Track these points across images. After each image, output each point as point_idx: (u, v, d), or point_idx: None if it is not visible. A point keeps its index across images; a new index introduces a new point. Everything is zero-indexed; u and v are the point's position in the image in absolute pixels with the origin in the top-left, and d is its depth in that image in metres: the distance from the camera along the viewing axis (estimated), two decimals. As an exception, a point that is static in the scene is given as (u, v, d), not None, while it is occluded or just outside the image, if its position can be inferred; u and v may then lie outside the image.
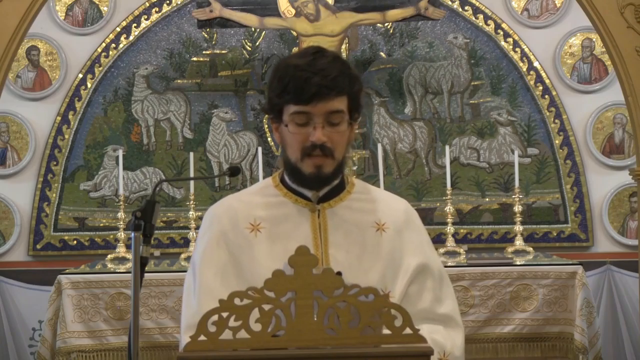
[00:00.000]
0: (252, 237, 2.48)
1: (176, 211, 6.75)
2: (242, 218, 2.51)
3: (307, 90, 2.36)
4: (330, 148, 2.40)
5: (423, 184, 6.76)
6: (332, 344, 2.03)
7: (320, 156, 2.40)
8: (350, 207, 2.53)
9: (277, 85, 2.42)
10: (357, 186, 2.59)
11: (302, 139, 2.40)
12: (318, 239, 2.48)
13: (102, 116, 6.80)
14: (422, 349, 2.04)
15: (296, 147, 2.42)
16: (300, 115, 2.40)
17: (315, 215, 2.50)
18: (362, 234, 2.50)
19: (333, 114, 2.40)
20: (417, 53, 6.83)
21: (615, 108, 6.75)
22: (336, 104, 2.39)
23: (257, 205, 2.53)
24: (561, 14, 6.83)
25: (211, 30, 6.77)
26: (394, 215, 2.56)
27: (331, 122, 2.40)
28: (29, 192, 6.75)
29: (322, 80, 2.36)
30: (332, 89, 2.37)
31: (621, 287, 6.46)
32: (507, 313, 5.43)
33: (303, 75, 2.37)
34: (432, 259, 2.56)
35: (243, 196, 2.62)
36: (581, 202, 6.72)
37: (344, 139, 2.45)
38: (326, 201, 2.52)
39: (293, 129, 2.41)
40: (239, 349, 2.04)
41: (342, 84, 2.40)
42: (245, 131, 6.81)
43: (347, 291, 2.05)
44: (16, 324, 6.50)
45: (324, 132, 2.39)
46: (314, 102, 2.37)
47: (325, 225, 2.49)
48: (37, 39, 6.78)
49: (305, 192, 2.51)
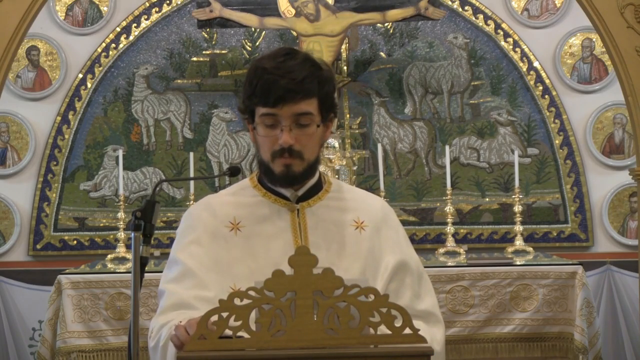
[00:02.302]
0: (232, 235, 2.49)
1: (176, 211, 6.75)
2: (221, 217, 2.52)
3: (273, 93, 2.38)
4: (299, 150, 2.42)
5: (423, 184, 6.76)
6: (332, 344, 2.03)
7: (289, 157, 2.42)
8: (328, 206, 2.55)
9: (248, 87, 2.45)
10: (334, 185, 2.61)
11: (271, 141, 2.43)
12: (298, 238, 2.49)
13: (102, 116, 6.80)
14: (422, 349, 2.04)
15: (266, 149, 2.45)
16: (268, 118, 2.41)
17: (294, 214, 2.52)
18: (341, 233, 2.52)
19: (301, 116, 2.41)
20: (417, 53, 6.83)
21: (615, 108, 6.75)
22: (303, 106, 2.40)
23: (237, 205, 2.54)
24: (561, 14, 6.83)
25: (211, 30, 6.77)
26: (371, 213, 2.58)
27: (299, 124, 2.41)
28: (29, 192, 6.75)
29: (289, 84, 2.37)
30: (298, 92, 2.38)
31: (621, 287, 6.46)
32: (507, 313, 5.43)
33: (270, 79, 2.38)
34: (410, 256, 2.58)
35: (222, 196, 2.63)
36: (581, 202, 6.72)
37: (314, 141, 2.46)
38: (305, 200, 2.53)
39: (262, 131, 2.44)
40: (238, 349, 2.04)
41: (310, 86, 2.40)
42: (245, 131, 6.81)
43: (347, 291, 2.05)
44: (16, 324, 6.49)
45: (291, 135, 2.40)
46: (280, 105, 2.38)
47: (305, 225, 2.51)
48: (37, 39, 6.78)
49: (284, 192, 2.52)
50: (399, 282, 2.51)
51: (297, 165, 2.44)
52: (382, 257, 2.52)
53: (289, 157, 2.42)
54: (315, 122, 2.44)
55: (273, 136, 2.42)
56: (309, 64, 2.44)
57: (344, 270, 2.41)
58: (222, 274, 2.45)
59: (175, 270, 2.51)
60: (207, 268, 2.46)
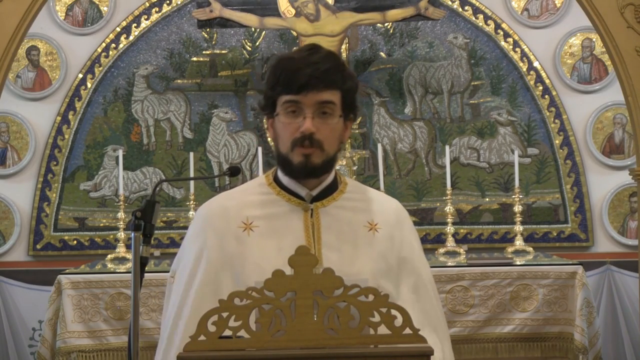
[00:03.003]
0: (245, 235, 2.48)
1: (176, 211, 6.75)
2: (234, 217, 2.50)
3: (297, 80, 2.38)
4: (319, 140, 2.40)
5: (423, 184, 6.76)
6: (332, 344, 2.03)
7: (309, 146, 2.41)
8: (343, 207, 2.53)
9: (271, 78, 2.46)
10: (350, 186, 2.59)
11: (292, 129, 2.41)
12: (311, 238, 2.47)
13: (102, 116, 6.80)
14: (422, 349, 2.04)
15: (286, 138, 2.43)
16: (291, 105, 2.41)
17: (308, 214, 2.50)
18: (354, 234, 2.50)
19: (324, 104, 2.41)
20: (417, 53, 6.83)
21: (615, 108, 6.75)
22: (327, 95, 2.41)
23: (250, 204, 2.52)
24: (561, 14, 6.83)
25: (211, 30, 6.77)
26: (386, 215, 2.56)
27: (322, 113, 2.41)
28: (29, 192, 6.75)
29: (314, 72, 2.38)
30: (322, 80, 2.39)
31: (621, 287, 6.46)
32: (507, 313, 5.43)
33: (295, 67, 2.40)
34: (420, 263, 2.58)
35: (235, 194, 2.61)
36: (581, 202, 6.72)
37: (335, 133, 2.45)
38: (319, 200, 2.52)
39: (284, 118, 2.43)
40: (238, 349, 2.04)
41: (334, 77, 2.41)
42: (245, 131, 6.81)
43: (347, 291, 2.05)
44: (16, 324, 6.49)
45: (313, 122, 2.40)
46: (304, 92, 2.39)
47: (319, 225, 2.49)
48: (37, 39, 6.78)
49: (299, 191, 2.51)
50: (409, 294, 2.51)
51: (317, 156, 2.42)
52: (394, 261, 2.51)
53: (309, 145, 2.40)
54: (338, 115, 2.44)
55: (295, 124, 2.41)
56: (334, 58, 2.46)
57: (356, 271, 2.41)
58: (233, 278, 2.44)
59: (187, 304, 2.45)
60: (219, 286, 2.42)
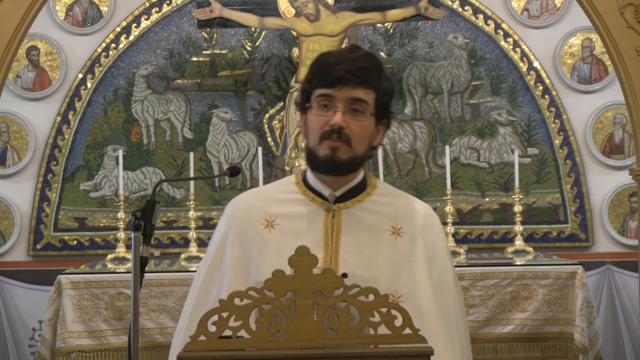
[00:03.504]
0: (266, 233, 2.47)
1: (176, 211, 6.75)
2: (257, 214, 2.50)
3: (332, 74, 2.39)
4: (348, 135, 2.39)
5: (423, 184, 6.76)
6: (332, 344, 2.03)
7: (337, 140, 2.40)
8: (367, 209, 2.50)
9: (309, 73, 2.47)
10: (378, 188, 2.56)
11: (323, 122, 2.41)
12: (329, 239, 2.46)
13: (102, 116, 6.80)
14: (422, 349, 2.04)
15: (316, 131, 2.42)
16: (324, 98, 2.41)
17: (329, 215, 2.48)
18: (375, 237, 2.48)
19: (356, 102, 2.40)
20: (417, 53, 6.83)
21: (615, 108, 6.75)
22: (360, 92, 2.40)
23: (275, 201, 2.53)
24: (561, 14, 6.83)
25: (211, 30, 6.77)
26: (412, 220, 2.52)
27: (353, 110, 2.40)
28: (29, 192, 6.75)
29: (349, 67, 2.38)
30: (357, 77, 2.39)
31: (621, 287, 6.47)
32: (507, 313, 5.43)
33: (331, 61, 2.41)
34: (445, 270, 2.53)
35: (263, 191, 2.66)
36: (581, 202, 6.72)
37: (364, 133, 2.43)
38: (343, 202, 2.50)
39: (316, 111, 2.42)
40: (238, 349, 2.04)
41: (370, 76, 2.41)
42: (245, 131, 6.81)
43: (347, 291, 2.05)
44: (16, 324, 6.49)
45: (344, 118, 2.39)
46: (337, 86, 2.38)
47: (339, 226, 2.47)
48: (37, 39, 6.78)
49: (323, 191, 2.50)
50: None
51: (343, 151, 2.41)
52: (416, 267, 2.47)
53: (337, 139, 2.39)
54: (370, 115, 2.42)
55: (325, 117, 2.40)
56: (372, 58, 2.46)
57: (372, 275, 2.40)
58: (250, 274, 2.44)
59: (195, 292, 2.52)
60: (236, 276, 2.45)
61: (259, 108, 6.80)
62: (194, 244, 6.10)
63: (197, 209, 6.22)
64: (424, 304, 2.42)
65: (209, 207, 6.74)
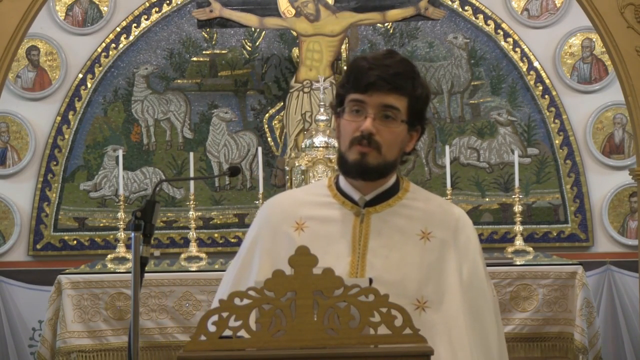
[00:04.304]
0: (296, 235, 2.47)
1: (176, 211, 6.75)
2: (289, 216, 2.51)
3: (365, 79, 2.38)
4: (378, 141, 2.38)
5: (423, 184, 6.75)
6: (332, 344, 2.03)
7: (367, 146, 2.39)
8: (397, 213, 2.49)
9: (344, 77, 2.47)
10: (410, 192, 2.55)
11: (353, 128, 2.40)
12: (357, 243, 2.44)
13: (102, 116, 6.80)
14: (422, 349, 2.04)
15: (347, 136, 2.42)
16: (356, 104, 2.40)
17: (358, 219, 2.47)
18: (404, 242, 2.46)
19: (387, 108, 2.39)
20: (417, 53, 6.83)
21: (615, 108, 6.75)
22: (392, 99, 2.39)
23: (306, 204, 2.53)
24: (561, 14, 6.83)
25: (211, 30, 6.77)
26: (442, 224, 2.50)
27: (385, 116, 2.39)
28: (29, 192, 6.75)
29: (382, 73, 2.37)
30: (389, 83, 2.37)
31: (621, 287, 6.47)
32: (507, 313, 5.43)
33: (365, 67, 2.39)
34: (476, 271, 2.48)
35: (297, 193, 2.68)
36: (581, 202, 6.72)
37: (396, 139, 2.42)
38: (373, 206, 2.49)
39: (347, 116, 2.42)
40: (238, 349, 2.04)
41: (403, 82, 2.39)
42: (245, 131, 6.81)
43: (347, 291, 2.05)
44: (16, 324, 6.50)
45: (374, 124, 2.38)
46: (370, 92, 2.38)
47: (368, 230, 2.46)
48: (37, 39, 6.78)
49: (353, 195, 2.49)
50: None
51: (373, 157, 2.40)
52: (445, 273, 2.44)
53: (367, 145, 2.38)
54: (401, 121, 2.41)
55: (356, 122, 2.39)
56: (407, 64, 2.44)
57: (400, 280, 2.39)
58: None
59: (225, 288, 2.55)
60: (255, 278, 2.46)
61: (259, 108, 6.80)
62: (194, 244, 6.10)
63: (197, 209, 6.22)
64: (452, 310, 2.40)
65: (209, 207, 6.74)
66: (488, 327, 2.47)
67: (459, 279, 2.44)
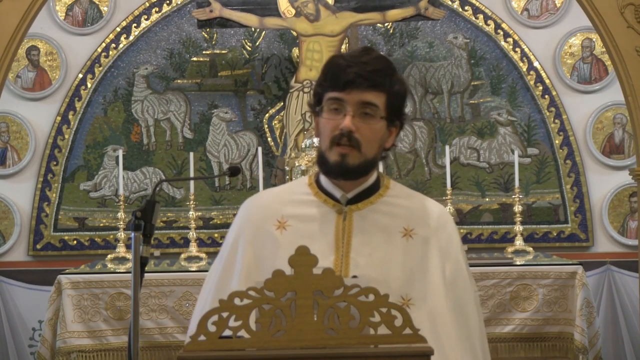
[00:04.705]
0: (278, 234, 2.48)
1: (176, 211, 6.75)
2: (270, 215, 2.51)
3: (343, 77, 2.38)
4: (358, 139, 2.39)
5: (423, 184, 6.75)
6: (332, 344, 2.03)
7: (347, 145, 2.39)
8: (379, 211, 2.49)
9: (321, 76, 2.47)
10: (392, 190, 2.55)
11: (333, 126, 2.40)
12: (340, 241, 2.45)
13: (102, 116, 6.80)
14: (422, 349, 2.04)
15: (326, 135, 2.42)
16: (334, 102, 2.40)
17: (340, 217, 2.47)
18: (387, 239, 2.46)
19: (366, 105, 2.39)
20: (417, 53, 6.83)
21: (615, 108, 6.75)
22: (370, 96, 2.39)
23: (287, 202, 2.53)
24: (561, 14, 6.83)
25: (211, 30, 6.77)
26: (424, 221, 2.50)
27: (364, 113, 2.39)
28: (29, 192, 6.75)
29: (359, 70, 2.37)
30: (367, 80, 2.38)
31: (621, 287, 6.47)
32: (507, 313, 5.43)
33: (342, 65, 2.40)
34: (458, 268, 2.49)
35: (277, 192, 2.65)
36: (581, 202, 6.72)
37: (375, 136, 2.42)
38: (355, 203, 2.49)
39: (326, 115, 2.42)
40: (238, 349, 2.04)
41: (380, 79, 2.40)
42: (245, 131, 6.81)
43: (347, 291, 2.05)
44: (16, 324, 6.50)
45: (353, 121, 2.38)
46: (348, 90, 2.38)
47: (350, 228, 2.46)
48: (37, 39, 6.78)
49: (335, 193, 2.49)
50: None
51: (353, 157, 2.40)
52: (428, 269, 2.44)
53: (347, 143, 2.38)
54: (381, 118, 2.41)
55: (335, 121, 2.40)
56: (384, 61, 2.44)
57: (384, 277, 2.39)
58: (258, 276, 2.44)
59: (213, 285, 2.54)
60: (248, 275, 2.45)
61: (259, 108, 6.80)
62: (194, 244, 6.10)
63: (197, 209, 6.22)
64: (436, 307, 2.40)
65: (209, 207, 6.74)
66: (472, 324, 2.48)
67: (442, 278, 2.45)
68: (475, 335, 2.49)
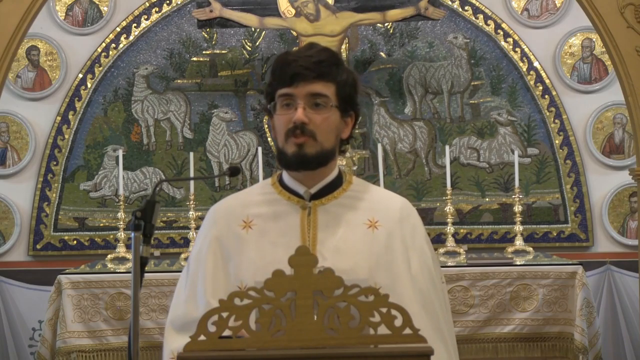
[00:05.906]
0: (244, 234, 2.52)
1: (176, 211, 6.75)
2: (236, 217, 2.56)
3: (289, 72, 2.43)
4: (312, 130, 2.43)
5: (423, 184, 6.76)
6: (332, 344, 2.03)
7: (302, 135, 2.43)
8: (343, 205, 2.54)
9: (270, 75, 2.52)
10: (354, 184, 2.59)
11: (286, 120, 2.44)
12: (306, 236, 2.48)
13: (102, 116, 6.80)
14: (422, 349, 2.04)
15: (281, 130, 2.46)
16: (285, 98, 2.45)
17: (305, 212, 2.51)
18: (352, 232, 2.50)
19: (316, 96, 2.44)
20: (417, 53, 6.83)
21: (615, 108, 6.75)
22: (319, 87, 2.44)
23: (252, 203, 2.57)
24: (561, 14, 6.83)
25: (211, 30, 6.77)
26: (388, 212, 2.55)
27: (315, 105, 2.44)
28: (29, 192, 6.75)
29: (305, 63, 2.42)
30: (313, 71, 2.42)
31: (621, 287, 6.46)
32: (507, 313, 5.43)
33: (289, 60, 2.45)
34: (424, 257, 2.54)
35: (242, 195, 2.67)
36: (581, 202, 6.72)
37: (329, 126, 2.46)
38: (319, 199, 2.53)
39: (279, 111, 2.46)
40: (238, 349, 2.04)
41: (326, 69, 2.44)
42: (245, 131, 6.81)
43: (347, 291, 2.05)
44: (16, 324, 6.50)
45: (305, 113, 2.42)
46: (296, 83, 2.42)
47: (315, 223, 2.50)
48: (37, 39, 6.78)
49: (298, 190, 2.53)
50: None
51: (310, 145, 2.44)
52: (395, 259, 2.49)
53: (301, 134, 2.42)
54: (332, 107, 2.45)
55: (288, 115, 2.44)
56: (329, 52, 2.50)
57: (351, 268, 2.41)
58: (229, 277, 2.48)
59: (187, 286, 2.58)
60: (215, 279, 2.50)
61: (259, 108, 6.80)
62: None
63: (197, 209, 6.22)
64: (404, 296, 2.42)
65: (209, 207, 6.72)
66: (439, 313, 2.52)
67: (407, 268, 2.49)
68: (442, 324, 2.52)
